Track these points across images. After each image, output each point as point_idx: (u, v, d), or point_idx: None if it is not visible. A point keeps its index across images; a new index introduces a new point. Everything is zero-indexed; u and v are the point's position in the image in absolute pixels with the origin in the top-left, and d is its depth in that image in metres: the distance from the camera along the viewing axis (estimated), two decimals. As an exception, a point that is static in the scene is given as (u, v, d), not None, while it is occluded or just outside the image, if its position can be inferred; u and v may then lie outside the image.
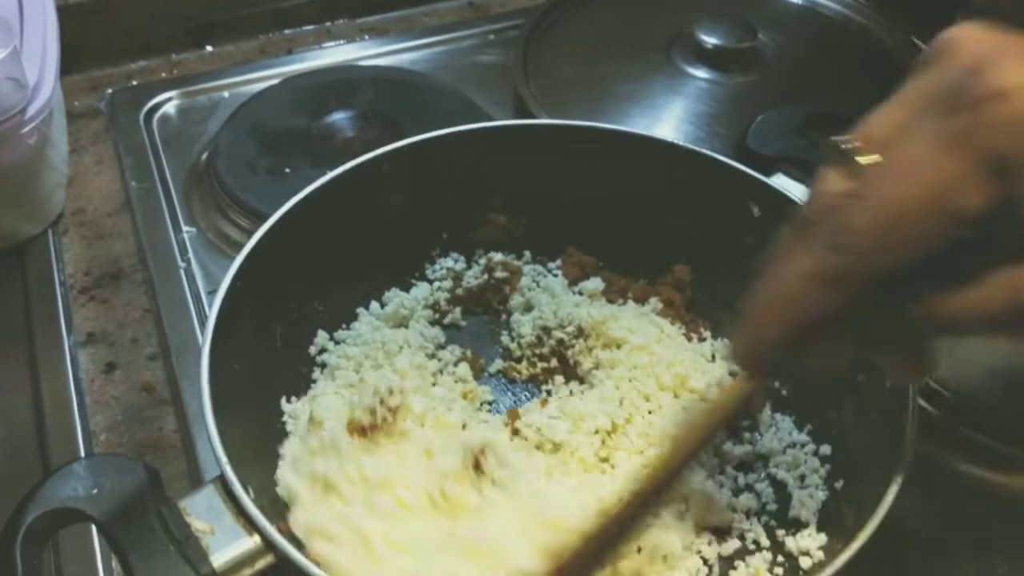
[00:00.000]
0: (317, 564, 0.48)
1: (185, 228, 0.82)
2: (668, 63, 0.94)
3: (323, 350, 0.66)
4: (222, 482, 0.49)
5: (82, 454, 0.66)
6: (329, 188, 0.64)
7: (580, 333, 0.66)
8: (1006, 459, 0.66)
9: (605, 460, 0.61)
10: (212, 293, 0.74)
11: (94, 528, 0.62)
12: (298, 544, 0.51)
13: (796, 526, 0.57)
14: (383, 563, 0.51)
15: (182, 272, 0.78)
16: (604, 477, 0.60)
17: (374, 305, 0.69)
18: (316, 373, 0.65)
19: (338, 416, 0.57)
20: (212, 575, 0.46)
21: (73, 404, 0.70)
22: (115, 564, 0.61)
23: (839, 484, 0.58)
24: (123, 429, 0.69)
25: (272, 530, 0.47)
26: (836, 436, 0.60)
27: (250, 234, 0.61)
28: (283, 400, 0.62)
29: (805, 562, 0.55)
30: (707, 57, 0.93)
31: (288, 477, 0.56)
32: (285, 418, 0.62)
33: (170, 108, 0.95)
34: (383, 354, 0.65)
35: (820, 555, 0.55)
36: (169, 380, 0.72)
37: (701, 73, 0.93)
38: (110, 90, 0.98)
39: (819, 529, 0.56)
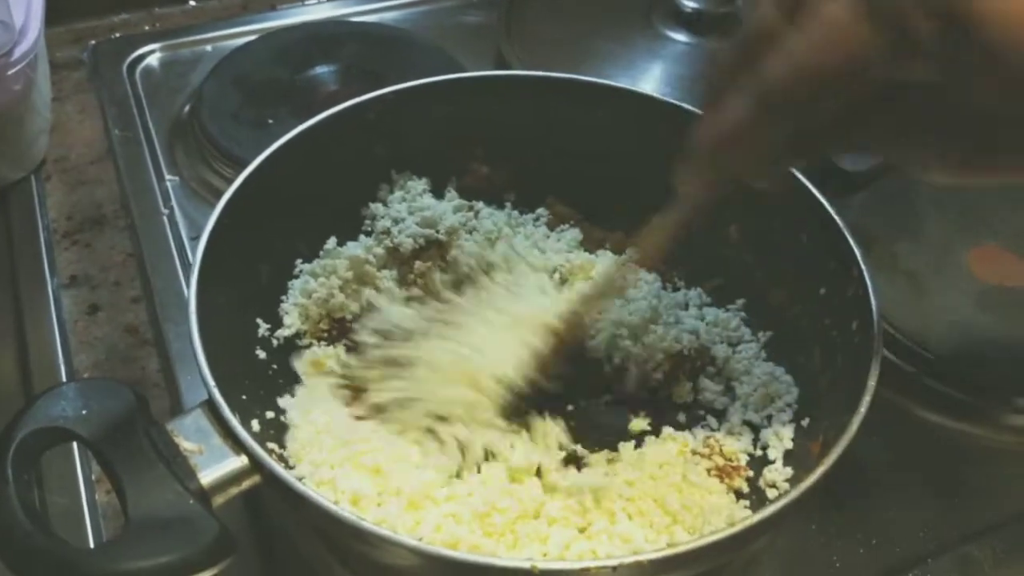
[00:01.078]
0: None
1: (168, 176, 0.82)
2: (648, 26, 0.96)
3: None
4: (209, 406, 0.50)
5: (66, 389, 0.67)
6: (315, 132, 0.65)
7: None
8: (965, 407, 0.69)
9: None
10: (195, 239, 0.75)
11: (77, 459, 0.63)
12: (284, 465, 0.52)
13: (763, 462, 0.59)
14: None
15: (165, 219, 0.78)
16: None
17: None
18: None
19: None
20: (200, 491, 0.47)
21: (57, 344, 0.70)
22: (99, 496, 0.62)
23: (805, 422, 0.60)
24: (106, 367, 0.70)
25: (259, 450, 0.47)
26: (804, 380, 0.62)
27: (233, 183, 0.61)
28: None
29: (772, 493, 0.57)
30: (686, 20, 0.95)
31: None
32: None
33: (153, 60, 0.95)
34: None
35: (786, 486, 0.57)
36: (152, 322, 0.73)
37: (680, 36, 0.95)
38: (93, 42, 0.98)
39: (785, 464, 0.58)
